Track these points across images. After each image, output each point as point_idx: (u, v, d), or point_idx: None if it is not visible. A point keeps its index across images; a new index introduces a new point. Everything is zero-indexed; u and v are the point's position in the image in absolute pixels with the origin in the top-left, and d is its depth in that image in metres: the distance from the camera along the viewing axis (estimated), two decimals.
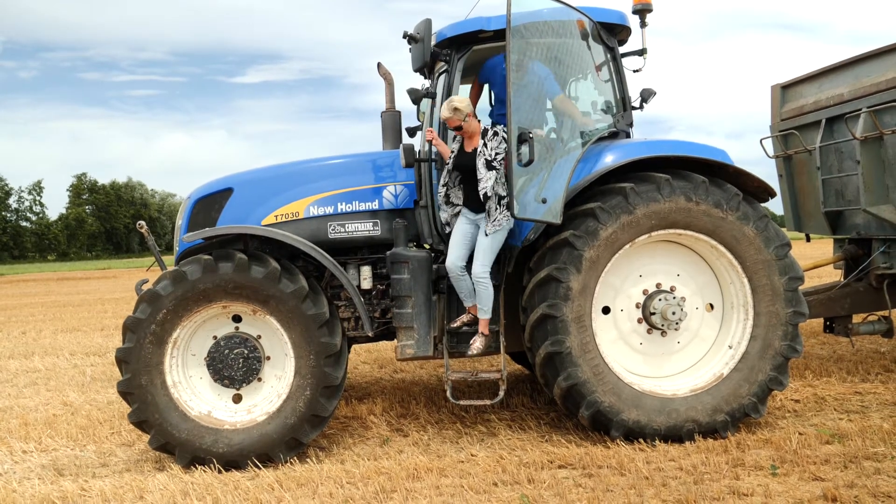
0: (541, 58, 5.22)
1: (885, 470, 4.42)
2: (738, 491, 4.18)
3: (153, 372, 4.99)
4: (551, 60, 5.37)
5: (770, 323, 5.30)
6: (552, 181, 4.99)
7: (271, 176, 6.00)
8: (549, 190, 4.94)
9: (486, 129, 5.19)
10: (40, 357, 10.10)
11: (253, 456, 4.97)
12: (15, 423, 6.37)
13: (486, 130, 5.18)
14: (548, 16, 5.28)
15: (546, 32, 5.30)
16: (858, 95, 6.69)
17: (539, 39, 5.23)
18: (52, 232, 74.02)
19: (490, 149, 5.11)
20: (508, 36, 4.67)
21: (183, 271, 4.99)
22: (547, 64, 5.22)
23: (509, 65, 4.66)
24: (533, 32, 5.20)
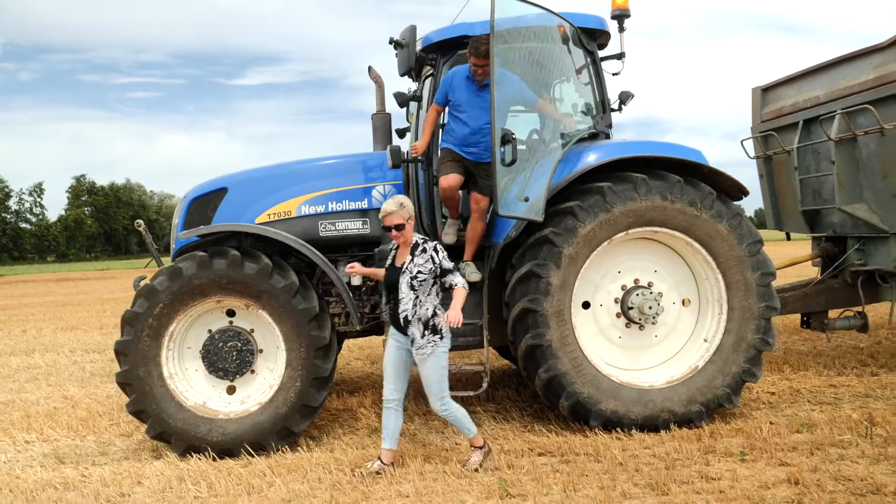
0: (523, 61, 5.43)
1: (848, 456, 4.64)
2: (707, 475, 4.39)
3: (150, 364, 5.19)
4: (533, 64, 5.58)
5: (743, 317, 5.51)
6: (534, 180, 5.21)
7: (264, 176, 6.22)
8: (532, 189, 5.16)
9: (417, 244, 4.66)
10: (41, 354, 10.31)
11: (246, 444, 5.18)
12: (17, 416, 6.58)
13: (417, 245, 4.66)
14: (529, 21, 5.49)
15: (528, 37, 5.51)
16: (833, 98, 6.90)
17: (521, 44, 5.44)
18: (52, 233, 74.19)
19: (415, 265, 4.58)
20: (492, 40, 4.89)
21: (179, 267, 5.20)
22: (528, 67, 5.43)
23: (493, 68, 4.87)
24: (515, 37, 5.42)
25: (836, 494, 4.01)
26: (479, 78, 5.34)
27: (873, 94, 6.35)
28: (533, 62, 5.57)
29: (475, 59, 5.27)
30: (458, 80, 5.45)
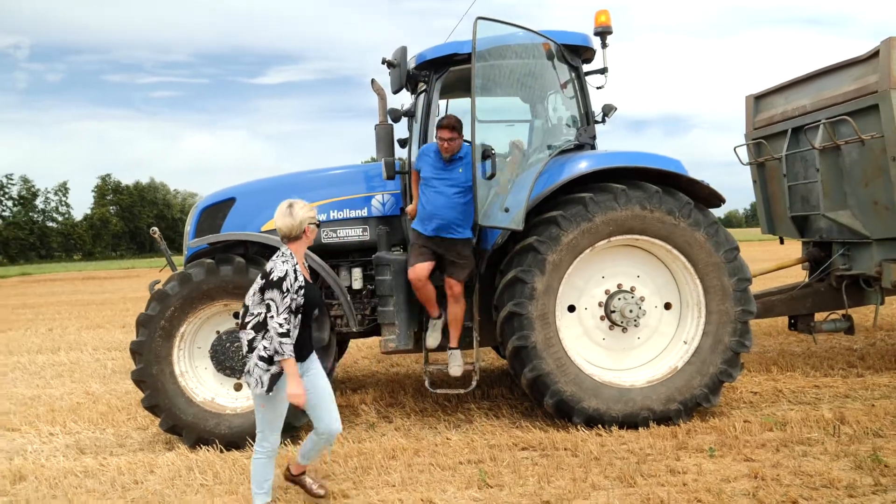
0: (508, 78, 5.76)
1: (812, 453, 4.91)
2: (674, 469, 4.70)
3: (163, 362, 5.61)
4: (516, 81, 5.91)
5: (720, 321, 5.79)
6: (515, 192, 5.55)
7: (270, 186, 6.62)
8: (512, 200, 5.49)
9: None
10: (66, 352, 10.84)
11: (251, 437, 5.56)
12: (42, 410, 7.05)
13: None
14: (513, 40, 5.83)
15: (514, 54, 5.85)
16: (819, 107, 7.13)
17: (506, 61, 5.77)
18: (77, 232, 75.83)
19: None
20: (473, 60, 5.23)
21: (189, 273, 5.61)
22: (513, 84, 5.76)
23: (474, 87, 5.21)
24: (502, 55, 5.76)
25: (791, 488, 4.29)
26: (446, 153, 5.58)
27: (853, 105, 6.58)
28: (516, 79, 5.91)
29: (440, 131, 5.54)
30: (427, 154, 5.71)
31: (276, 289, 3.84)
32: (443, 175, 5.63)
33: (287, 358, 3.84)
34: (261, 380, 3.89)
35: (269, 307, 3.84)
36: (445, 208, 5.61)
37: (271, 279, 3.87)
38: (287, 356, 3.84)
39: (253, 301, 3.98)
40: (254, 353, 3.92)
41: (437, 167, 5.65)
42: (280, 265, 3.91)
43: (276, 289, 3.84)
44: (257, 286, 3.97)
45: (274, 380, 3.91)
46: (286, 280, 3.86)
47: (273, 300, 3.84)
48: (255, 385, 3.92)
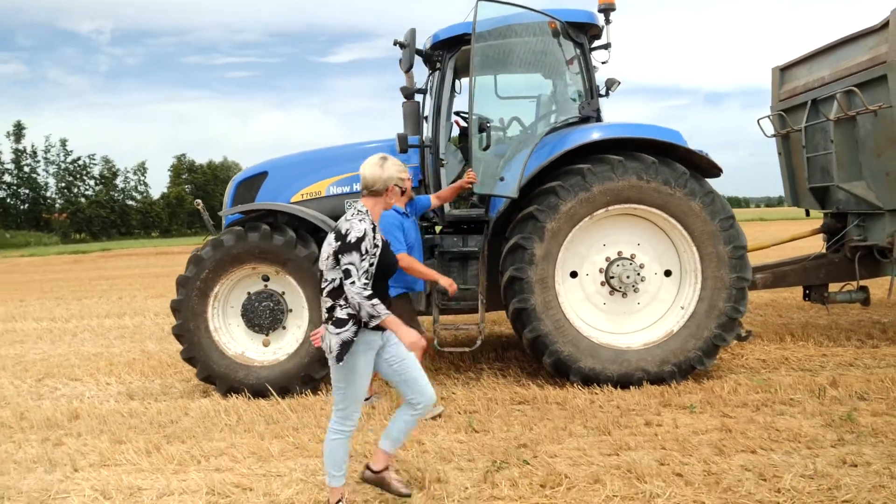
0: (516, 55, 6.10)
1: (789, 412, 5.14)
2: (651, 423, 5.02)
3: (199, 319, 6.25)
4: (525, 58, 6.24)
5: (715, 287, 6.01)
6: (512, 163, 5.90)
7: (300, 161, 7.15)
8: (508, 170, 5.86)
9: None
10: (130, 317, 11.82)
11: (276, 387, 6.16)
12: (103, 364, 7.88)
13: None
14: (523, 18, 6.16)
15: (523, 33, 6.19)
16: (836, 78, 7.14)
17: (513, 39, 6.12)
18: (155, 210, 79.46)
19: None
20: (473, 41, 5.60)
21: (221, 239, 6.22)
22: (521, 61, 6.10)
23: (473, 66, 5.59)
24: (510, 33, 6.11)
25: (755, 440, 4.55)
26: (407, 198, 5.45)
27: (865, 76, 6.59)
28: (523, 56, 6.24)
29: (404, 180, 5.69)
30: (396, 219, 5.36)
31: (354, 251, 3.44)
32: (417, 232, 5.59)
33: (385, 317, 3.45)
34: (329, 345, 3.53)
35: (349, 272, 3.44)
36: None
37: (348, 241, 3.47)
38: (384, 315, 3.44)
39: (327, 265, 3.59)
40: (331, 320, 3.55)
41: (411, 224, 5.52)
42: (357, 224, 3.51)
43: (355, 251, 3.44)
44: (331, 249, 3.55)
45: (345, 347, 3.50)
46: (364, 241, 3.47)
47: (352, 264, 3.43)
48: (326, 351, 3.58)
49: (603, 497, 3.81)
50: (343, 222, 3.59)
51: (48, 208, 74.00)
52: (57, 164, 75.40)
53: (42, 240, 59.17)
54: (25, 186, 72.36)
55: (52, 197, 74.98)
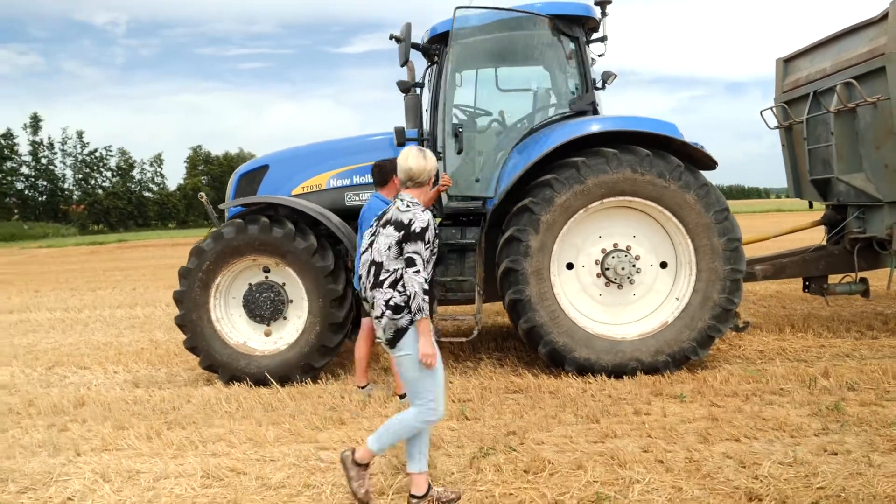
0: (502, 51, 6.19)
1: (777, 402, 5.19)
2: (640, 411, 5.10)
3: (201, 309, 6.39)
4: (518, 52, 6.32)
5: (710, 278, 6.06)
6: (488, 164, 6.07)
7: (300, 154, 7.27)
8: (484, 171, 6.02)
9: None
10: (141, 307, 12.04)
11: (276, 376, 6.30)
12: (111, 353, 8.07)
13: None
14: (517, 12, 6.24)
15: (512, 26, 6.30)
16: (838, 69, 7.13)
17: (502, 34, 6.21)
18: (172, 201, 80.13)
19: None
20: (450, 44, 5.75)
21: (221, 232, 6.35)
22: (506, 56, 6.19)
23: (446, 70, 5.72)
24: (499, 27, 6.22)
25: (740, 429, 4.62)
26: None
27: (865, 67, 6.58)
28: (517, 51, 6.33)
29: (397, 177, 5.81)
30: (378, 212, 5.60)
31: (419, 241, 3.47)
32: None
33: (425, 317, 3.48)
34: (385, 329, 3.55)
35: (413, 261, 3.45)
36: None
37: (414, 230, 3.48)
38: (426, 314, 3.47)
39: (387, 256, 3.54)
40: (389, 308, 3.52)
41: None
42: (420, 214, 3.53)
43: (420, 241, 3.47)
44: (392, 239, 3.53)
45: (399, 334, 3.52)
46: (428, 231, 3.50)
47: (417, 253, 3.46)
48: (382, 341, 3.61)
49: (583, 482, 3.90)
50: (401, 213, 3.57)
51: (66, 200, 74.90)
52: (74, 156, 76.30)
53: (60, 231, 59.91)
54: (43, 178, 73.26)
55: (70, 188, 75.92)
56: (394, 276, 3.53)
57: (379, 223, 3.70)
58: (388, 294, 3.52)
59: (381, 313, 3.54)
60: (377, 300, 3.56)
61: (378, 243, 3.61)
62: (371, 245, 3.68)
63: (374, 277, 3.59)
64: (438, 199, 6.64)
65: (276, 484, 4.05)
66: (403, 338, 3.52)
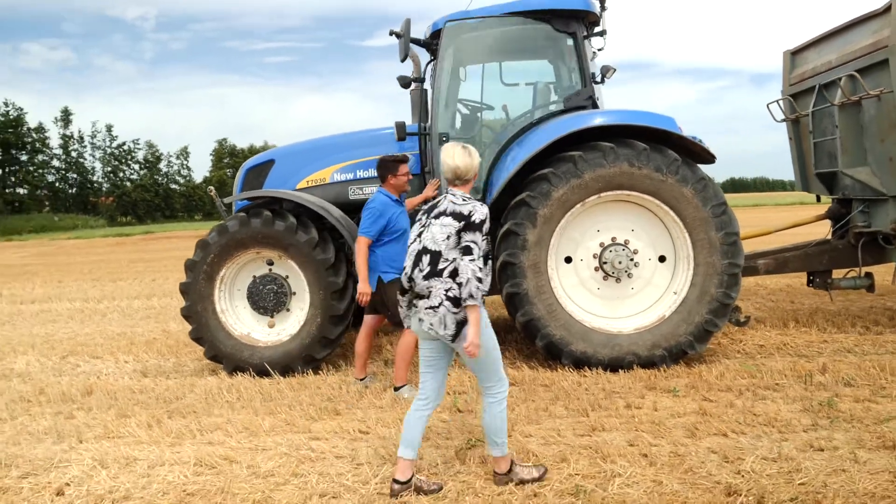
0: (501, 47, 6.24)
1: (771, 397, 5.18)
2: (631, 405, 5.12)
3: (206, 301, 6.54)
4: (518, 47, 6.36)
5: (707, 273, 6.06)
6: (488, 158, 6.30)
7: (305, 149, 7.38)
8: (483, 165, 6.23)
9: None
10: (158, 298, 12.29)
11: (279, 367, 6.43)
12: (124, 343, 8.28)
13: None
14: (516, 7, 6.29)
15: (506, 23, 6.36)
16: (843, 62, 7.04)
17: (498, 29, 6.26)
18: (198, 193, 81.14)
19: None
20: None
21: (226, 225, 6.49)
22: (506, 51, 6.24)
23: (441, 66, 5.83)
24: (498, 23, 6.27)
25: (729, 424, 4.63)
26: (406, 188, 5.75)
27: (868, 60, 6.50)
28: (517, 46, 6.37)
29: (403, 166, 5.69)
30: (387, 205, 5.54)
31: (478, 231, 3.60)
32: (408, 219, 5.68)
33: (477, 304, 3.55)
34: (444, 321, 3.61)
35: (470, 249, 3.56)
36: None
37: (473, 221, 3.61)
38: (478, 303, 3.55)
39: (446, 246, 3.63)
40: (449, 299, 3.60)
41: (402, 211, 5.70)
42: (479, 206, 3.67)
43: (479, 231, 3.61)
44: (451, 230, 3.63)
45: (460, 326, 3.61)
46: (486, 223, 3.66)
47: (475, 242, 3.59)
48: (439, 327, 3.64)
49: (565, 475, 3.95)
50: (458, 205, 3.68)
51: (95, 192, 76.23)
52: (103, 149, 77.54)
53: (89, 223, 61.06)
54: (73, 171, 74.61)
55: (99, 181, 77.22)
56: (453, 265, 3.61)
57: (429, 215, 3.80)
58: (448, 284, 3.61)
59: (438, 303, 3.62)
60: (436, 289, 3.63)
61: (432, 233, 3.69)
62: (420, 236, 3.77)
63: (430, 266, 3.67)
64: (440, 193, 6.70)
65: (265, 472, 4.16)
66: (465, 329, 3.62)
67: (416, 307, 3.77)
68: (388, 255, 5.58)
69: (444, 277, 3.61)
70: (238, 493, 3.89)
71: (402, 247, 5.53)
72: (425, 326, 3.70)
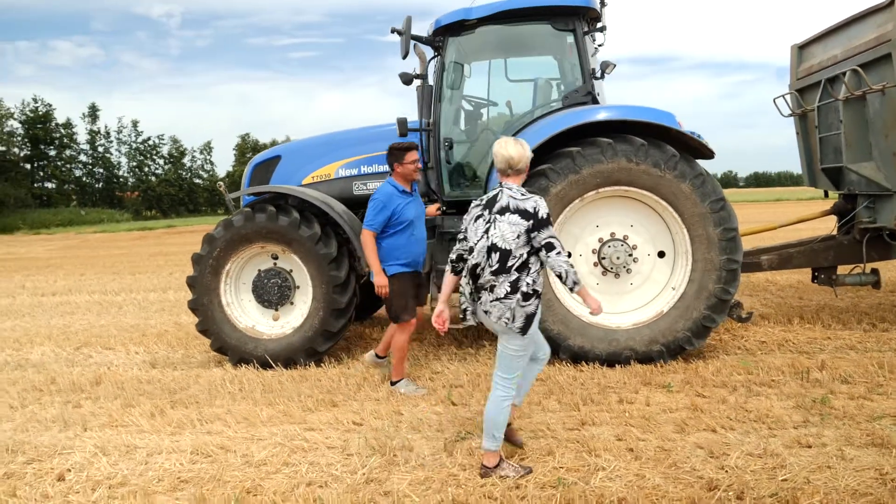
0: (504, 44, 6.27)
1: (765, 393, 5.19)
2: (624, 399, 5.17)
3: (212, 294, 6.68)
4: (519, 44, 6.40)
5: (705, 269, 6.06)
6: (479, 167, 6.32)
7: (310, 145, 7.50)
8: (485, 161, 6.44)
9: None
10: (174, 291, 12.51)
11: (282, 359, 6.55)
12: (136, 335, 8.47)
13: None
14: (516, 4, 6.33)
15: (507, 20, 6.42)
16: (848, 56, 6.98)
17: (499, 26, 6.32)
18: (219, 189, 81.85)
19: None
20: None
21: (231, 220, 6.62)
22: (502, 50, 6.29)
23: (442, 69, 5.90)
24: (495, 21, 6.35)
25: (719, 419, 4.66)
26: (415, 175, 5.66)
27: (871, 55, 6.44)
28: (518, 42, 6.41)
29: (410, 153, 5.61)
30: (392, 196, 5.51)
31: (549, 225, 3.78)
32: (420, 210, 5.75)
33: (583, 286, 3.87)
34: (514, 315, 3.79)
35: (552, 245, 3.75)
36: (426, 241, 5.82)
37: (541, 217, 3.78)
38: (581, 285, 3.83)
39: (516, 245, 3.78)
40: (517, 293, 3.78)
41: (411, 202, 5.64)
42: (540, 201, 3.83)
43: (549, 225, 3.79)
44: (521, 228, 3.77)
45: (530, 320, 3.82)
46: (551, 214, 3.90)
47: (553, 237, 3.77)
48: (509, 321, 3.80)
49: (549, 468, 4.01)
50: (519, 201, 3.81)
51: (121, 187, 77.29)
52: (129, 144, 78.53)
53: (115, 217, 61.96)
54: (100, 166, 75.67)
55: (125, 176, 78.25)
56: (520, 261, 3.78)
57: (491, 211, 3.90)
58: (514, 276, 3.78)
59: (504, 294, 3.79)
60: (502, 283, 3.81)
61: (500, 230, 3.81)
62: (487, 232, 3.88)
63: (500, 263, 3.81)
64: (440, 188, 6.78)
65: (258, 461, 4.28)
66: (534, 322, 3.85)
67: (479, 300, 3.94)
68: (392, 247, 5.56)
69: (511, 273, 3.79)
70: (230, 480, 4.01)
71: (406, 239, 5.57)
72: (493, 318, 3.86)
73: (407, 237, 5.59)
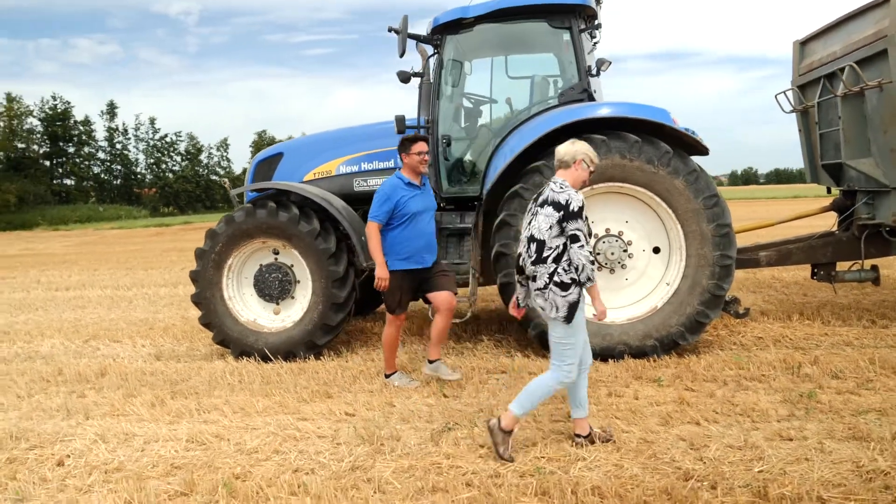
0: (501, 42, 6.36)
1: (753, 388, 5.23)
2: (613, 393, 5.23)
3: (214, 288, 6.83)
4: (516, 41, 6.47)
5: (699, 264, 6.10)
6: (486, 150, 6.34)
7: (312, 142, 7.63)
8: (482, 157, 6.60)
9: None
10: (184, 286, 12.70)
11: (282, 352, 6.68)
12: (143, 328, 8.66)
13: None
14: (512, 2, 6.41)
15: (513, 17, 6.46)
16: (847, 52, 6.97)
17: (496, 24, 6.39)
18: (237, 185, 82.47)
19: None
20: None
21: (233, 216, 6.76)
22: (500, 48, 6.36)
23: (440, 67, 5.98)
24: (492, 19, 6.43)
25: (704, 413, 4.71)
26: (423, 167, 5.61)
27: (868, 50, 6.44)
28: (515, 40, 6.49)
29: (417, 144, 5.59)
30: (398, 188, 5.50)
31: (578, 218, 3.94)
32: (428, 204, 5.68)
33: (595, 283, 4.04)
34: (555, 304, 3.98)
35: (577, 238, 3.91)
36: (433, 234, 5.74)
37: (572, 210, 3.94)
38: (594, 282, 4.01)
39: (549, 235, 3.99)
40: (554, 283, 3.98)
41: (417, 195, 5.59)
42: (575, 194, 4.00)
43: (580, 218, 3.94)
44: (553, 219, 3.98)
45: (573, 308, 3.98)
46: (584, 208, 3.99)
47: (580, 230, 3.92)
48: (550, 310, 4.01)
49: (530, 457, 4.10)
50: (556, 194, 4.04)
51: (139, 183, 78.13)
52: (146, 141, 79.33)
53: (132, 213, 62.69)
54: (118, 163, 76.53)
55: (143, 172, 79.09)
56: (556, 252, 3.99)
57: (536, 203, 4.17)
58: (552, 268, 4.00)
59: (544, 285, 4.03)
60: (541, 273, 4.04)
61: (538, 222, 4.06)
62: (530, 224, 4.14)
63: (536, 253, 4.06)
64: (438, 185, 6.86)
65: (249, 449, 4.40)
66: (578, 310, 4.02)
67: (528, 288, 4.23)
68: (394, 240, 5.51)
69: (548, 263, 4.01)
70: (221, 466, 4.14)
71: (409, 233, 5.51)
72: (538, 307, 4.11)
73: (409, 230, 5.53)
